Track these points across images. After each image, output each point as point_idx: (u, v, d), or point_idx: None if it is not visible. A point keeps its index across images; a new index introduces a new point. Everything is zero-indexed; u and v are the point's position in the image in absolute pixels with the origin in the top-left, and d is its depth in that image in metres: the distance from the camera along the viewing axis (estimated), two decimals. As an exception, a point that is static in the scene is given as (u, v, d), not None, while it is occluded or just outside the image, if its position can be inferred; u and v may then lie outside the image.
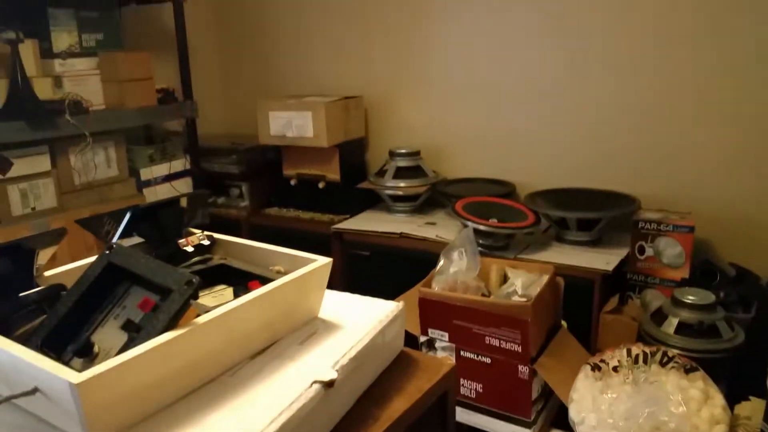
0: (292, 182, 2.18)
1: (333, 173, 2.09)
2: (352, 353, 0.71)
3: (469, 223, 1.70)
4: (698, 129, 1.71)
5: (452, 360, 1.06)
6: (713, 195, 1.71)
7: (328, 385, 0.65)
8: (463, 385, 1.32)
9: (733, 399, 1.19)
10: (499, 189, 1.98)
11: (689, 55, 1.69)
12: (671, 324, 1.34)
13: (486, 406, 1.31)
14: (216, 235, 0.91)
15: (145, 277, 0.68)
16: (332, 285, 0.83)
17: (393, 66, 2.20)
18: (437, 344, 1.34)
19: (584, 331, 1.55)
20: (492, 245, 1.73)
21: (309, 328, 0.78)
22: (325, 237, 1.98)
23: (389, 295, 1.21)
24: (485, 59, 2.01)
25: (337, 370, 0.67)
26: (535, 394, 1.24)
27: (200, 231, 0.91)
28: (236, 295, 0.75)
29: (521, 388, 1.23)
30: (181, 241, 0.87)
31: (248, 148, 2.23)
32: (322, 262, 0.78)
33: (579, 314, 1.55)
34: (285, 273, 0.78)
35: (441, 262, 1.38)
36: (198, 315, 0.65)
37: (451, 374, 0.79)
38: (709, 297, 1.35)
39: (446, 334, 1.32)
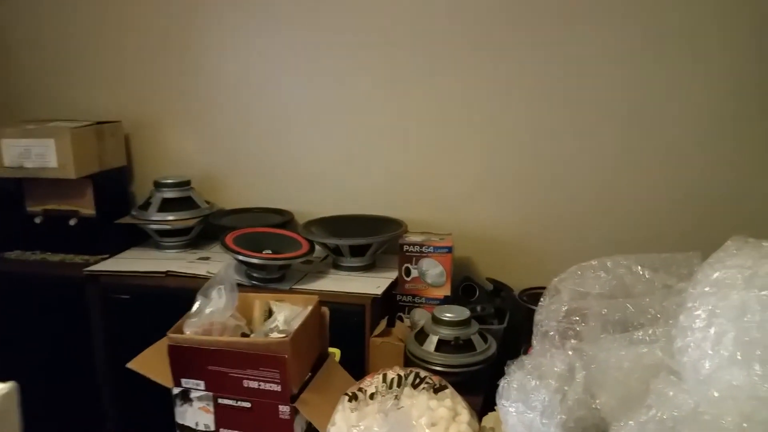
0: (37, 220, 1.86)
1: (87, 208, 1.83)
2: None
3: (239, 257, 1.60)
4: (455, 160, 1.84)
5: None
6: (470, 217, 1.84)
7: None
8: (223, 436, 1.19)
9: (490, 409, 1.25)
10: (278, 218, 1.92)
11: (430, 97, 1.81)
12: (432, 342, 1.38)
13: (249, 455, 1.19)
14: None
15: None
16: (92, 336, 0.67)
17: (160, 88, 2.02)
18: (192, 395, 1.20)
19: (359, 358, 1.53)
20: (266, 278, 1.64)
21: None
22: (79, 281, 1.71)
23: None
24: (265, 85, 1.94)
25: None
26: (298, 435, 1.17)
27: None
28: None
29: (283, 429, 1.15)
30: None
31: (-26, 182, 1.86)
32: None
33: (354, 341, 1.53)
34: None
35: (197, 303, 1.25)
36: None
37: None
38: (464, 313, 1.42)
39: (201, 383, 1.19)
